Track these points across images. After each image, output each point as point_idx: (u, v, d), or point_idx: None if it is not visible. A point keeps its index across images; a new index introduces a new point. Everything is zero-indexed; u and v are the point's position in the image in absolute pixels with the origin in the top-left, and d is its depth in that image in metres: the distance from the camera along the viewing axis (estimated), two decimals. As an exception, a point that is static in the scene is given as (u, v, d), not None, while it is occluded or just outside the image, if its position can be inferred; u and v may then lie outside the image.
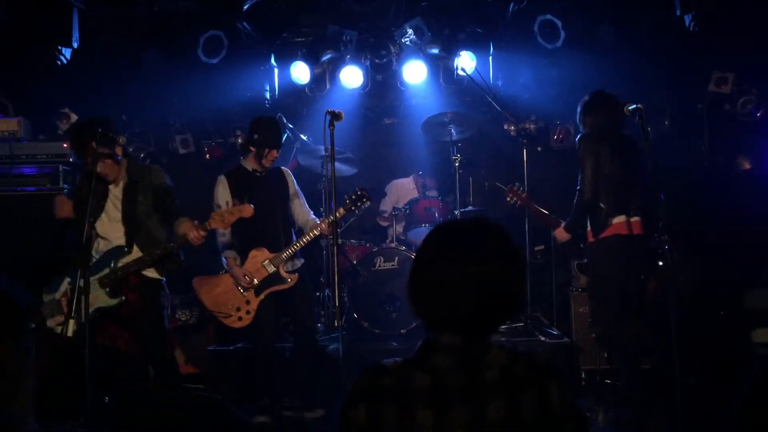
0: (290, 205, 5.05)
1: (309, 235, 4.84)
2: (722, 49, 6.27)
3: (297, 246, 4.85)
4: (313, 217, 5.07)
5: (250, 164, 4.96)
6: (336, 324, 4.21)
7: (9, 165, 5.82)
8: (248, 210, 4.35)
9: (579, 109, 4.78)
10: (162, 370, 4.43)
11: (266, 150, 4.85)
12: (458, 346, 1.65)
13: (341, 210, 4.83)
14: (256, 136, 4.88)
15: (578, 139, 4.72)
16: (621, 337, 4.65)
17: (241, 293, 4.84)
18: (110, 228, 4.37)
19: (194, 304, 5.98)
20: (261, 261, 4.83)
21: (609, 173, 4.57)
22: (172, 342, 5.95)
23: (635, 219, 4.60)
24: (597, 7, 6.50)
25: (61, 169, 5.79)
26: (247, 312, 4.83)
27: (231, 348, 5.67)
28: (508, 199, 5.31)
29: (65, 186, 5.78)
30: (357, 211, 5.10)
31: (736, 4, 6.00)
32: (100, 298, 4.22)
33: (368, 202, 4.97)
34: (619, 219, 4.58)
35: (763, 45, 6.08)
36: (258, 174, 4.95)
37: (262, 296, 4.84)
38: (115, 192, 4.38)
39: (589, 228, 4.71)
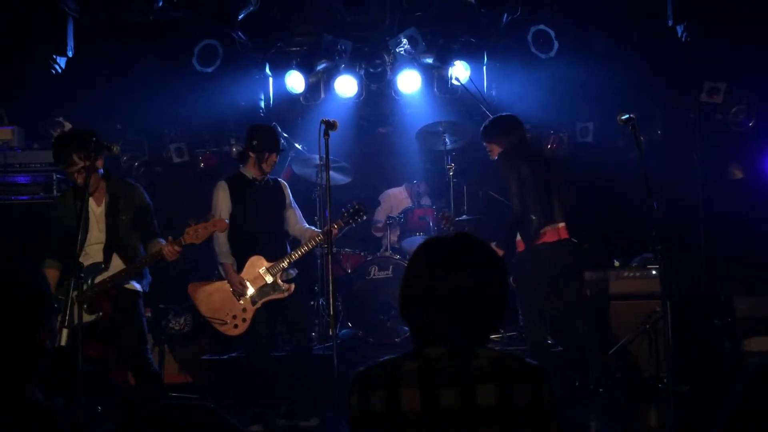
0: (285, 215, 5.07)
1: (308, 244, 4.86)
2: (714, 59, 6.31)
3: (296, 255, 4.87)
4: (310, 226, 5.10)
5: (249, 172, 4.97)
6: (330, 333, 4.21)
7: (2, 174, 5.81)
8: (222, 224, 4.38)
9: (490, 135, 4.93)
10: (144, 378, 4.40)
11: (266, 154, 4.89)
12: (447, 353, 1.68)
13: (339, 222, 4.87)
14: (255, 142, 4.92)
15: (497, 160, 4.87)
16: (577, 338, 4.84)
17: (238, 301, 4.84)
18: (93, 245, 4.35)
19: (188, 312, 5.95)
20: (258, 269, 4.84)
21: (532, 184, 4.71)
22: (162, 350, 5.96)
23: (561, 225, 4.81)
24: (590, 17, 6.54)
25: (54, 177, 5.79)
26: (243, 320, 4.83)
27: (225, 357, 5.66)
28: (442, 225, 5.45)
29: (58, 195, 5.76)
30: (353, 225, 5.14)
31: (727, 15, 6.04)
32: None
33: (365, 216, 5.04)
34: (549, 228, 4.75)
35: (754, 55, 6.13)
36: (258, 182, 4.97)
37: (258, 305, 4.84)
38: (97, 210, 4.37)
39: (519, 238, 4.80)
